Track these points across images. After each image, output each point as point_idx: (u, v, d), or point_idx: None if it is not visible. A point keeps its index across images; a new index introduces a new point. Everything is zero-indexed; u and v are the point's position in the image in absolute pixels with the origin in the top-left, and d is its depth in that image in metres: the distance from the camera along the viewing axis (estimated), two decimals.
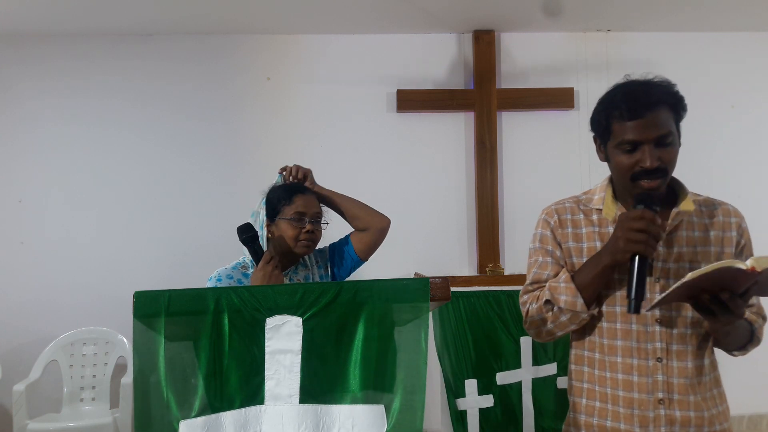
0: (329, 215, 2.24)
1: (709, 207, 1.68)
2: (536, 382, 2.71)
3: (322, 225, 2.19)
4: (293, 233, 2.09)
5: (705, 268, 1.32)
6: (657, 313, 1.56)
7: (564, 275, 1.61)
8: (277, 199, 2.13)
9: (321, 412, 1.37)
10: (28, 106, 3.97)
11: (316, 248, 2.24)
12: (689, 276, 1.33)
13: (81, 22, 3.81)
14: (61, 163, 3.96)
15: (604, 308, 1.62)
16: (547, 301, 1.60)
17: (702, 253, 1.60)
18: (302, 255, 2.13)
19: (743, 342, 1.62)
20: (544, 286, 1.66)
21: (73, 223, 3.93)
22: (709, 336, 1.60)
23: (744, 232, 1.67)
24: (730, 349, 1.64)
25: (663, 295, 1.42)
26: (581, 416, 1.64)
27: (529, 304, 1.67)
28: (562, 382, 2.67)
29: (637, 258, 1.47)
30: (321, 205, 2.22)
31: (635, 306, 1.45)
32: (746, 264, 1.30)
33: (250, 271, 2.08)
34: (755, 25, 4.12)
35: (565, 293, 1.58)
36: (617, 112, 1.55)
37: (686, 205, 1.62)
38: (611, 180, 1.71)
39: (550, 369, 2.71)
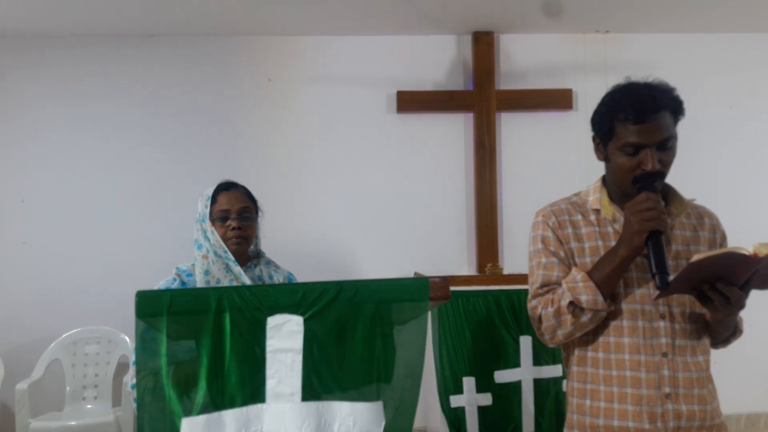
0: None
1: (694, 209, 1.73)
2: (539, 383, 2.69)
3: (258, 215, 2.18)
4: (221, 233, 2.08)
5: (711, 252, 1.38)
6: (661, 308, 1.59)
7: (580, 274, 1.60)
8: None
9: (322, 410, 1.37)
10: (31, 107, 3.97)
11: (285, 271, 2.24)
12: (696, 257, 1.38)
13: (82, 24, 3.82)
14: (63, 163, 3.96)
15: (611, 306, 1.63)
16: (571, 303, 1.58)
17: (695, 252, 1.64)
18: (236, 252, 2.09)
19: (730, 334, 1.67)
20: (555, 288, 1.65)
21: (75, 222, 3.93)
22: (706, 331, 1.64)
23: (724, 235, 1.74)
24: (717, 341, 1.68)
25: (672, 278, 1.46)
26: (586, 418, 1.64)
27: (542, 309, 1.65)
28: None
29: (652, 235, 1.51)
30: (253, 198, 2.20)
31: (661, 280, 1.47)
32: (749, 250, 1.36)
33: (187, 278, 2.09)
34: (753, 26, 4.12)
35: (585, 292, 1.58)
36: (622, 115, 1.58)
37: (679, 206, 1.68)
38: (604, 182, 1.73)
39: (554, 371, 2.70)
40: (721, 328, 1.62)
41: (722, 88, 4.18)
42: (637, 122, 1.55)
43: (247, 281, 2.05)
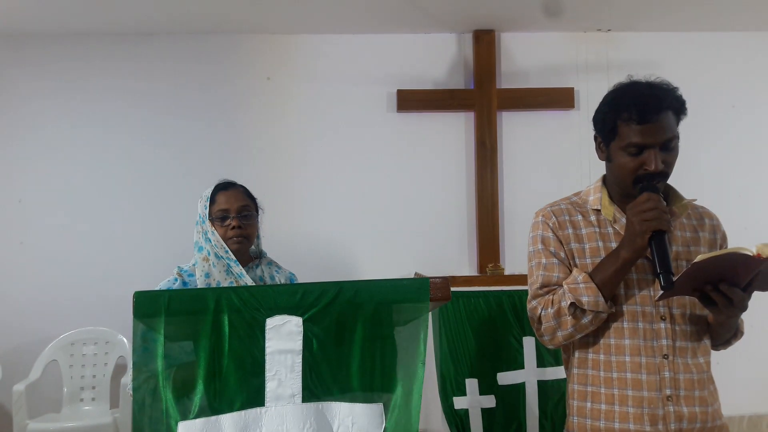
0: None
1: (694, 210, 1.73)
2: (543, 384, 2.67)
3: (258, 213, 2.18)
4: (221, 233, 2.08)
5: (715, 252, 1.39)
6: (661, 309, 1.59)
7: (581, 275, 1.60)
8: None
9: (322, 409, 1.37)
10: (28, 107, 3.95)
11: (287, 271, 2.24)
12: (699, 258, 1.38)
13: (81, 23, 3.81)
14: (60, 163, 3.95)
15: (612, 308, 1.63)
16: (572, 304, 1.58)
17: (695, 253, 1.63)
18: (238, 252, 2.10)
19: (731, 335, 1.67)
20: (555, 289, 1.65)
21: (72, 222, 3.92)
22: (706, 333, 1.64)
23: (725, 236, 1.74)
24: (718, 343, 1.68)
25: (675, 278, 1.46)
26: (586, 420, 1.64)
27: (542, 310, 1.65)
28: None
29: (656, 235, 1.50)
30: (252, 197, 2.20)
31: (666, 279, 1.46)
32: (752, 251, 1.37)
33: (189, 278, 2.10)
34: (757, 24, 4.10)
35: (587, 294, 1.57)
36: (626, 114, 1.57)
37: (680, 207, 1.67)
38: (604, 182, 1.73)
39: (559, 372, 2.66)
40: (723, 330, 1.62)
41: (725, 86, 4.16)
42: (641, 122, 1.55)
43: (249, 281, 2.05)
